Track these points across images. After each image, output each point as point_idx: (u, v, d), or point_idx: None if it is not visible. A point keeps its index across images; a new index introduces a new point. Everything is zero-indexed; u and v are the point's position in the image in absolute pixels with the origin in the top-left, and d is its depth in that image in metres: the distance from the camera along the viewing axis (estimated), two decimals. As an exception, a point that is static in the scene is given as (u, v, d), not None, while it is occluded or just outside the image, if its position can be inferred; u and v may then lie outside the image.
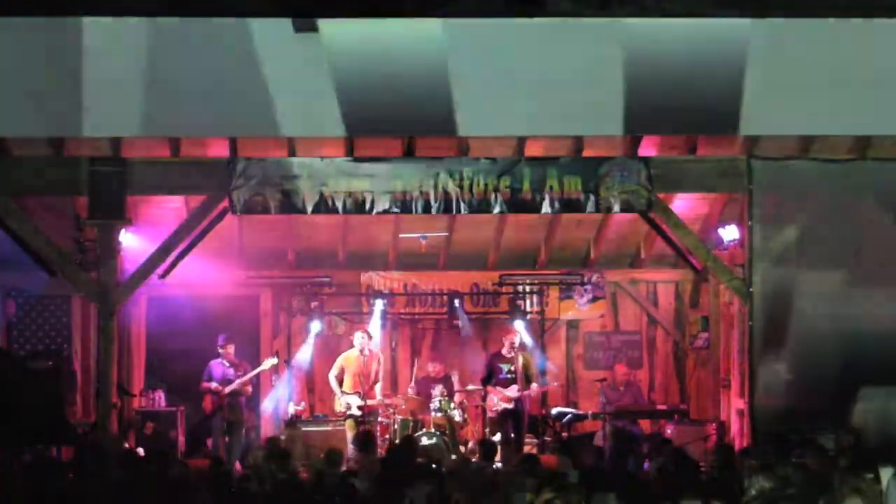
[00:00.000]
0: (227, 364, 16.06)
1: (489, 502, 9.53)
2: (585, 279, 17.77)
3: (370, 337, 16.18)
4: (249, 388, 16.27)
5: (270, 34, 13.00)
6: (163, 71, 12.67)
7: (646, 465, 14.00)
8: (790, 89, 13.18)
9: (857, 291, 13.85)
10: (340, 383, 16.06)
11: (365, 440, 13.20)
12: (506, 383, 15.80)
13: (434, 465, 12.01)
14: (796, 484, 9.30)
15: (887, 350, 13.62)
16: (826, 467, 10.43)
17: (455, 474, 10.72)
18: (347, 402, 15.85)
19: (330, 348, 17.28)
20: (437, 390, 15.88)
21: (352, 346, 16.24)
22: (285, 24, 12.96)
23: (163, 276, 15.37)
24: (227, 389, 15.91)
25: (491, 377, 15.94)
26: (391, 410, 15.87)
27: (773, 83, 13.19)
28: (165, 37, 12.75)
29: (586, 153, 14.04)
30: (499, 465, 13.61)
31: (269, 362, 16.46)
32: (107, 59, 12.59)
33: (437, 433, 15.21)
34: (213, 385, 15.90)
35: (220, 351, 16.08)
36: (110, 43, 12.67)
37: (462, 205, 14.13)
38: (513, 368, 15.78)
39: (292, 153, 13.87)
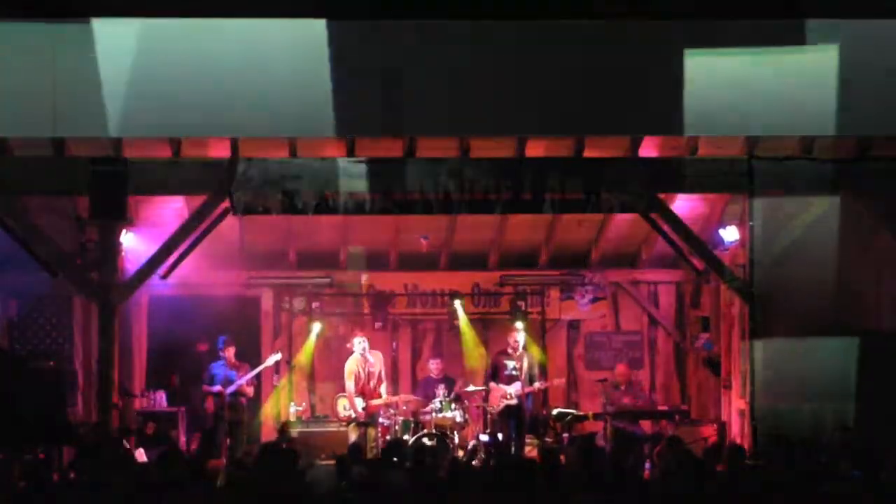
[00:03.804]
0: (229, 366, 16.08)
1: None
2: (586, 280, 17.77)
3: (367, 338, 16.19)
4: (251, 390, 16.28)
5: (272, 34, 13.04)
6: (163, 71, 12.71)
7: (647, 465, 14.03)
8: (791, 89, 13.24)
9: (858, 291, 13.86)
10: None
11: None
12: (510, 380, 15.81)
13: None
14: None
15: (888, 350, 13.64)
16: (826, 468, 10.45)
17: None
18: (347, 404, 15.86)
19: (331, 349, 17.28)
20: (440, 391, 15.87)
21: (352, 351, 16.23)
22: (286, 24, 13.00)
23: (164, 276, 15.35)
24: (230, 390, 15.93)
25: (496, 374, 15.95)
26: (392, 411, 15.86)
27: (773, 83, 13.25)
28: (165, 37, 12.78)
29: (587, 154, 14.05)
30: None
31: (272, 358, 16.50)
32: (107, 59, 12.63)
33: (438, 434, 15.21)
34: (216, 388, 15.93)
35: (221, 353, 16.10)
36: (111, 43, 12.70)
37: (463, 205, 14.12)
38: (518, 366, 15.79)
39: (293, 154, 13.88)
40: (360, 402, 15.79)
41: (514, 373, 15.83)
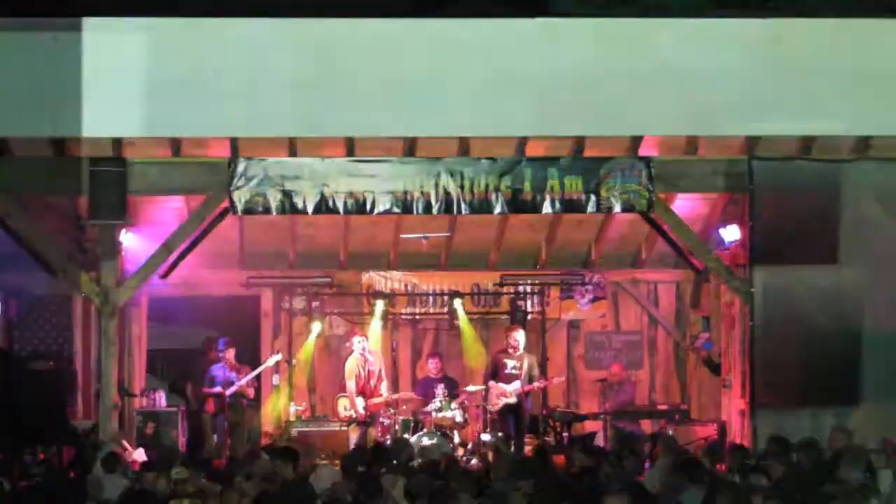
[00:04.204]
0: (229, 368, 16.07)
1: None
2: (586, 279, 17.76)
3: (367, 338, 16.20)
4: (252, 392, 16.28)
5: (271, 34, 13.05)
6: (163, 71, 12.70)
7: (646, 465, 14.02)
8: (791, 89, 13.25)
9: (857, 291, 13.84)
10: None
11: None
12: (509, 379, 15.81)
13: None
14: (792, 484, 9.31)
15: (887, 350, 13.63)
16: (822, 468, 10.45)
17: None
18: (348, 404, 15.88)
19: (331, 349, 17.29)
20: (439, 390, 15.88)
21: (351, 350, 16.22)
22: (285, 23, 13.00)
23: (164, 276, 15.37)
24: (230, 391, 15.93)
25: (496, 373, 15.96)
26: (392, 411, 15.87)
27: (773, 83, 13.26)
28: (166, 37, 12.78)
29: (587, 153, 14.04)
30: None
31: (273, 359, 16.53)
32: (107, 59, 12.63)
33: (438, 433, 15.22)
34: (216, 389, 15.94)
35: (221, 356, 16.08)
36: (112, 43, 12.70)
37: (463, 205, 14.10)
38: (517, 365, 15.80)
39: (293, 153, 13.87)
40: (360, 402, 15.80)
41: (513, 372, 15.85)
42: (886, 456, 10.98)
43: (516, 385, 15.73)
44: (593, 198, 14.10)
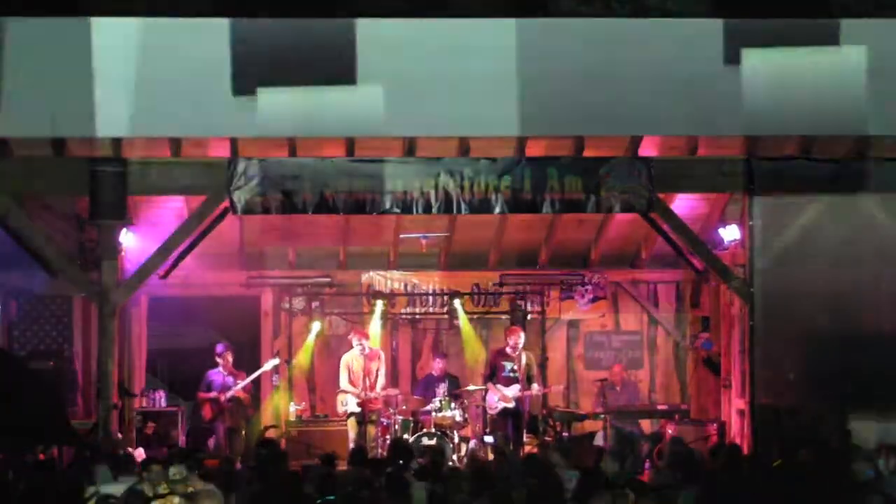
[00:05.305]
0: (226, 373, 16.02)
1: None
2: (586, 279, 17.76)
3: (366, 337, 16.20)
4: (249, 398, 16.21)
5: (273, 34, 13.06)
6: (163, 71, 12.72)
7: (646, 465, 14.05)
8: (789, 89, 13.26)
9: (857, 291, 13.85)
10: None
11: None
12: (508, 381, 15.80)
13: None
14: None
15: (887, 350, 13.63)
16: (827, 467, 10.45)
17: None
18: (346, 400, 15.89)
19: (331, 348, 17.28)
20: (440, 390, 15.87)
21: (351, 346, 16.23)
22: (286, 24, 13.00)
23: (163, 276, 15.36)
24: (227, 396, 15.88)
25: (494, 374, 15.95)
26: (392, 411, 15.86)
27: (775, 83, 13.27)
28: (166, 36, 12.79)
29: (587, 153, 14.05)
30: None
31: (271, 363, 16.48)
32: (108, 59, 12.64)
33: (438, 433, 15.21)
34: (213, 393, 15.89)
35: (219, 360, 16.04)
36: (111, 42, 12.72)
37: (463, 205, 14.11)
38: (516, 367, 15.79)
39: (293, 153, 13.88)
40: (353, 397, 15.78)
41: (511, 374, 15.83)
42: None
43: (515, 389, 15.71)
44: (593, 198, 14.12)
